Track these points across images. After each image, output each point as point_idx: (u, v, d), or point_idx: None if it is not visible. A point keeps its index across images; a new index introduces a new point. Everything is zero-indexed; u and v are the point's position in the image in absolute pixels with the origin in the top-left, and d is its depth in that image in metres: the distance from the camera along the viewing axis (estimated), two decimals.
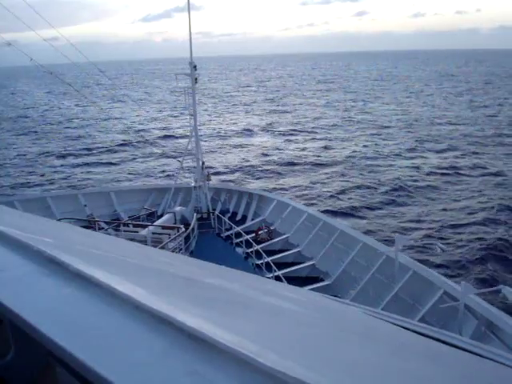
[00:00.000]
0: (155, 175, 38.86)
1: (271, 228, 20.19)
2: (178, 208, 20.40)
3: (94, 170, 41.06)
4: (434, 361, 1.58)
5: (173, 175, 29.90)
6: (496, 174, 34.98)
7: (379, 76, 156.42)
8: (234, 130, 58.78)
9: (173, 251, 15.06)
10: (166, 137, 54.81)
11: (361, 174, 36.26)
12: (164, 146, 43.45)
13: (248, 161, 42.64)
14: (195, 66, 20.69)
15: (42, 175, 39.80)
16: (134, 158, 45.25)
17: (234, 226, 19.38)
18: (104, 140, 54.58)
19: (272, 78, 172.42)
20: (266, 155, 44.27)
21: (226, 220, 20.31)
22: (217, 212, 21.30)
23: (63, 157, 46.67)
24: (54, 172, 40.87)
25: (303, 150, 46.43)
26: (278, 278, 14.63)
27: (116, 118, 64.30)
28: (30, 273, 1.63)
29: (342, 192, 32.12)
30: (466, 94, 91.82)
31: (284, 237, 19.52)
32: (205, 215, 21.21)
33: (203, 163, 21.77)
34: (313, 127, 58.61)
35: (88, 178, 38.29)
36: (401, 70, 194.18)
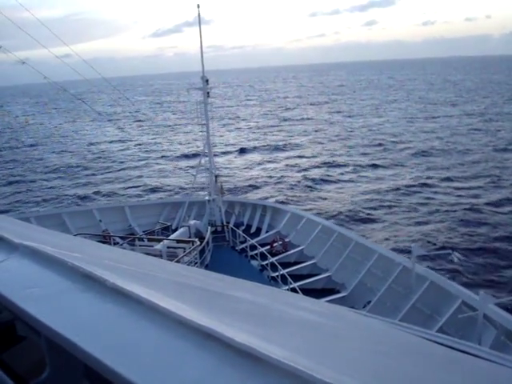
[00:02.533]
0: (169, 190, 38.99)
1: (286, 240, 20.12)
2: (192, 222, 20.41)
3: (107, 186, 41.34)
4: (457, 371, 1.58)
5: (187, 189, 30.00)
6: None
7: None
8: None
9: (188, 265, 15.06)
10: (180, 150, 55.22)
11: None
12: (178, 160, 43.64)
13: None
14: (207, 80, 20.83)
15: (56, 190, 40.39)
16: (148, 174, 45.46)
17: (248, 238, 19.35)
18: (118, 158, 55.13)
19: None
20: None
21: (241, 233, 20.28)
22: (231, 225, 21.26)
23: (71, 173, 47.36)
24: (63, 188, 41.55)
25: None
26: (293, 291, 14.55)
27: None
28: (66, 289, 1.63)
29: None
30: None
31: (299, 249, 19.44)
32: (219, 228, 21.19)
33: (216, 177, 21.82)
34: None
35: (103, 194, 38.59)
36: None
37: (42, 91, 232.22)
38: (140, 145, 57.93)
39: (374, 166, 42.32)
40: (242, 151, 54.29)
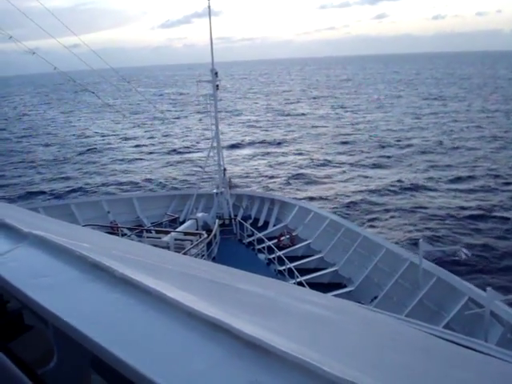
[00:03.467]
0: (177, 182, 39.01)
1: (293, 234, 20.13)
2: (200, 214, 20.47)
3: (116, 178, 41.42)
4: (463, 367, 1.58)
5: (195, 182, 30.03)
6: None
7: None
8: None
9: (195, 257, 15.12)
10: (188, 143, 55.16)
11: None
12: (187, 153, 43.56)
13: None
14: (216, 73, 20.81)
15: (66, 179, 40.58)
16: (157, 166, 45.54)
17: (255, 232, 19.38)
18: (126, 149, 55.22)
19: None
20: None
21: (248, 226, 20.31)
22: (239, 218, 21.31)
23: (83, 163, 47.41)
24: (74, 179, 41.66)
25: None
26: (300, 284, 14.57)
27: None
28: (74, 278, 1.64)
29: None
30: None
31: (306, 243, 19.44)
32: (227, 221, 21.24)
33: (225, 169, 21.84)
34: None
35: (112, 185, 38.68)
36: None
37: (49, 81, 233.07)
38: (128, 139, 58.16)
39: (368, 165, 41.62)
40: (234, 147, 52.71)
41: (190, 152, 50.47)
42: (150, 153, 51.56)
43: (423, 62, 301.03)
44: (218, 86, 20.98)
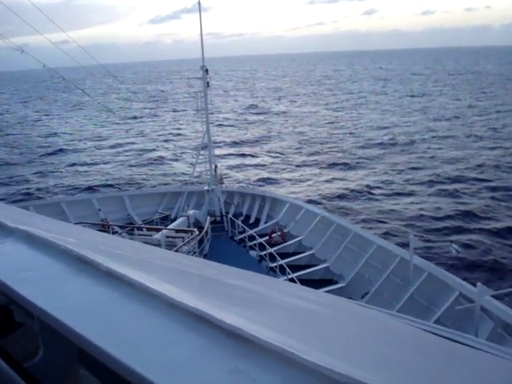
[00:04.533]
0: (168, 179, 38.83)
1: (284, 231, 20.17)
2: (191, 211, 20.44)
3: (107, 176, 41.06)
4: (453, 362, 1.59)
5: (186, 179, 29.94)
6: None
7: None
8: None
9: (186, 254, 15.10)
10: (179, 140, 54.77)
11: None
12: (177, 150, 43.34)
13: None
14: (207, 70, 20.77)
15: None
16: (149, 163, 45.29)
17: (247, 228, 19.39)
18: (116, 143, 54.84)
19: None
20: None
21: (240, 223, 20.32)
22: (230, 215, 21.31)
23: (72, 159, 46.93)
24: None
25: None
26: (291, 281, 14.59)
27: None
28: (58, 272, 1.64)
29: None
30: None
31: (297, 239, 19.49)
32: (218, 218, 21.24)
33: (216, 166, 21.83)
34: None
35: (102, 183, 38.36)
36: None
37: (34, 78, 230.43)
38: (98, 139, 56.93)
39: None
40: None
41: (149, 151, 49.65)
42: (118, 153, 50.29)
43: (414, 58, 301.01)
44: (208, 83, 20.95)
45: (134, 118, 71.91)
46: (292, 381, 0.98)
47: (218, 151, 47.03)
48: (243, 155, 47.51)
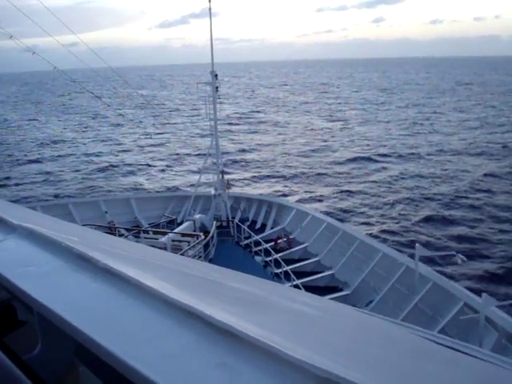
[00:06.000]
0: (175, 183, 38.85)
1: (290, 237, 20.17)
2: (197, 216, 20.49)
3: (115, 179, 41.18)
4: (456, 371, 1.60)
5: (193, 184, 29.94)
6: None
7: None
8: None
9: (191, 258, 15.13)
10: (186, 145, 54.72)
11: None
12: (185, 154, 43.40)
13: None
14: (216, 75, 20.86)
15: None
16: (155, 166, 45.41)
17: (253, 234, 19.39)
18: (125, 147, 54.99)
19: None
20: None
21: (246, 228, 20.33)
22: (236, 220, 21.32)
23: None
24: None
25: None
26: (296, 287, 14.56)
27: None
28: (58, 268, 1.70)
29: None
30: None
31: (303, 246, 19.48)
32: (224, 223, 21.26)
33: (223, 171, 21.87)
34: None
35: (110, 186, 38.44)
36: None
37: (38, 79, 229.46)
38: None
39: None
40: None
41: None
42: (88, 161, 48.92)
43: (425, 67, 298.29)
44: (217, 88, 21.03)
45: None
46: (276, 375, 1.02)
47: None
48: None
